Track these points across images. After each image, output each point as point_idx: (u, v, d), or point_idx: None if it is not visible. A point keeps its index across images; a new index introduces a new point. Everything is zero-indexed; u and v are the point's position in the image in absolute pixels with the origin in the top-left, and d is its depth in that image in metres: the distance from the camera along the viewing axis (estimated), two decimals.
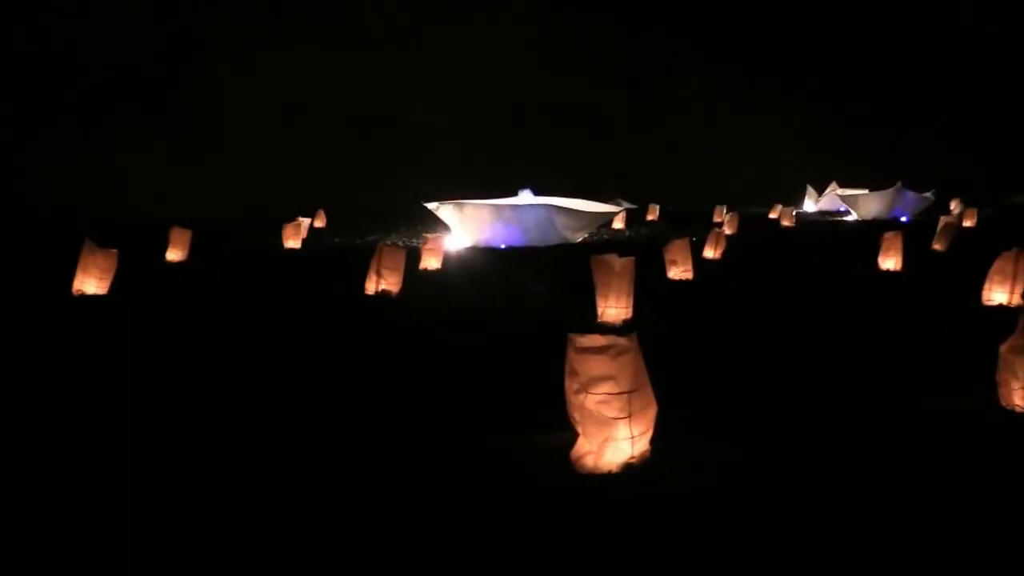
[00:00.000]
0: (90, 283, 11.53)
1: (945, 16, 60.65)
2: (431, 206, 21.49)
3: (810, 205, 39.39)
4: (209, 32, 49.70)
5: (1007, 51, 58.80)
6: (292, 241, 20.45)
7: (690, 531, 3.88)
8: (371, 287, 11.58)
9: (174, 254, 16.82)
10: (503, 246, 20.02)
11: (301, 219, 23.45)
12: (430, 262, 15.00)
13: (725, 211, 28.47)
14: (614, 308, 9.02)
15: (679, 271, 13.03)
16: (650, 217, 31.53)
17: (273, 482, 4.60)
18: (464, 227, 20.79)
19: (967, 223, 25.68)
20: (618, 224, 26.83)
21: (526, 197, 21.89)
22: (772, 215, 31.23)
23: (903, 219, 29.00)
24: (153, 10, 48.32)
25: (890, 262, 14.11)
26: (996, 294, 9.99)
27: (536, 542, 3.81)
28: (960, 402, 5.80)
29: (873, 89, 60.39)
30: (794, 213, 30.12)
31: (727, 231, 21.54)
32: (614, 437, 4.47)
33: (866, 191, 32.97)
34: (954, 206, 32.69)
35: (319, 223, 28.43)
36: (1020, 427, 5.27)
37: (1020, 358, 5.40)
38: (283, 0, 52.58)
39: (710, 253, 16.40)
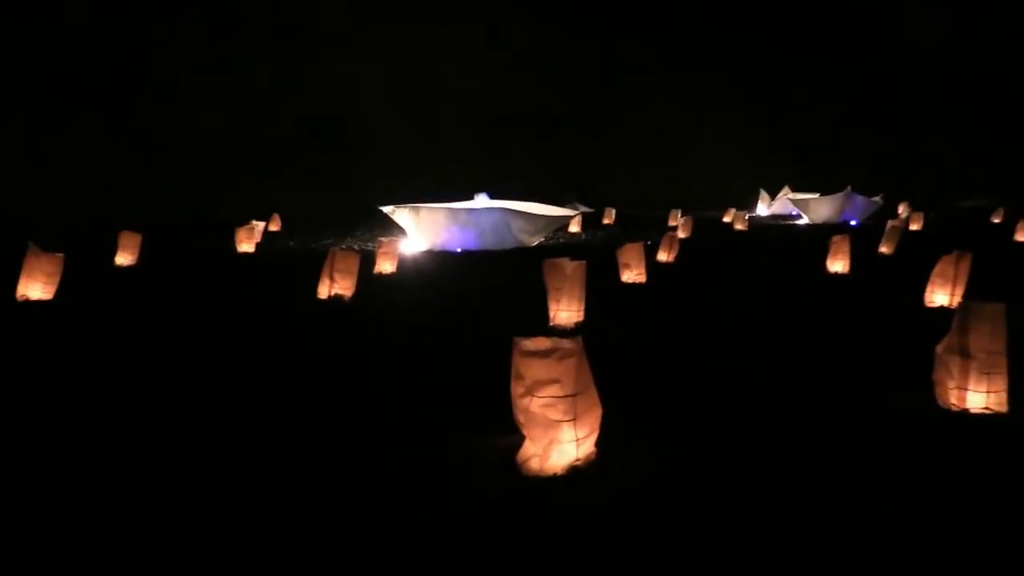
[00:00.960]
0: (35, 288, 11.29)
1: (897, 22, 62.02)
2: (387, 210, 21.40)
3: (763, 209, 40.01)
4: (162, 34, 48.94)
5: (956, 57, 60.31)
6: (246, 245, 20.22)
7: (635, 533, 3.93)
8: (324, 291, 11.51)
9: (123, 258, 16.54)
10: (459, 250, 20.02)
11: (255, 223, 23.19)
12: (385, 266, 14.95)
13: (680, 215, 28.78)
14: (566, 311, 9.08)
15: (632, 274, 13.14)
16: (606, 221, 31.76)
17: (225, 486, 4.56)
18: (420, 231, 20.74)
19: (914, 226, 26.31)
20: (574, 228, 27.00)
21: (482, 201, 21.91)
22: (726, 219, 31.66)
23: (852, 223, 29.59)
24: (104, 12, 47.40)
25: (838, 265, 14.38)
26: (937, 296, 10.25)
27: (481, 545, 3.83)
28: (898, 401, 5.95)
29: (825, 94, 61.44)
30: (747, 217, 30.54)
31: (681, 235, 21.77)
32: (559, 440, 4.51)
33: (817, 195, 33.59)
34: (902, 210, 33.47)
35: (274, 227, 28.19)
36: (955, 425, 5.42)
37: (954, 358, 5.56)
38: (237, 2, 51.92)
39: (664, 256, 16.58)
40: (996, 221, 29.66)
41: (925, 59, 60.67)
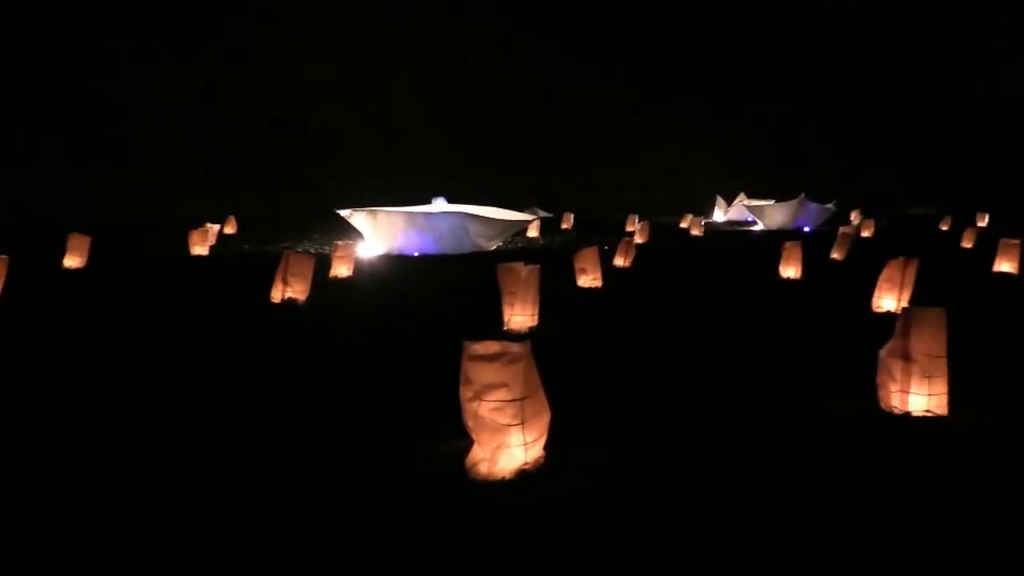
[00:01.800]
0: None
1: (854, 30, 63.27)
2: (344, 213, 21.25)
3: (719, 215, 40.42)
4: (113, 34, 48.06)
5: (910, 67, 61.69)
6: (199, 248, 19.91)
7: (582, 536, 3.93)
8: (277, 295, 11.38)
9: (72, 261, 16.19)
10: (416, 254, 19.95)
11: (209, 225, 22.88)
12: (340, 270, 14.82)
13: (637, 220, 28.95)
14: (520, 316, 9.09)
15: (589, 279, 13.19)
16: (564, 226, 31.83)
17: (173, 490, 4.48)
18: (377, 235, 20.62)
19: (865, 233, 26.79)
20: (532, 232, 27.05)
21: (440, 205, 21.85)
22: (683, 224, 31.90)
23: (806, 229, 30.06)
24: (54, 12, 46.41)
25: (790, 270, 14.59)
26: (885, 301, 10.45)
27: (428, 550, 3.81)
28: (843, 404, 6.05)
29: (782, 103, 62.37)
30: (703, 223, 30.82)
31: (638, 240, 21.92)
32: (507, 444, 4.50)
33: (772, 202, 34.03)
34: (854, 217, 34.08)
35: (229, 229, 27.83)
36: (896, 427, 5.52)
37: (896, 361, 5.66)
38: (188, 2, 51.17)
39: (620, 261, 16.66)
40: (944, 228, 30.41)
41: (881, 69, 61.93)
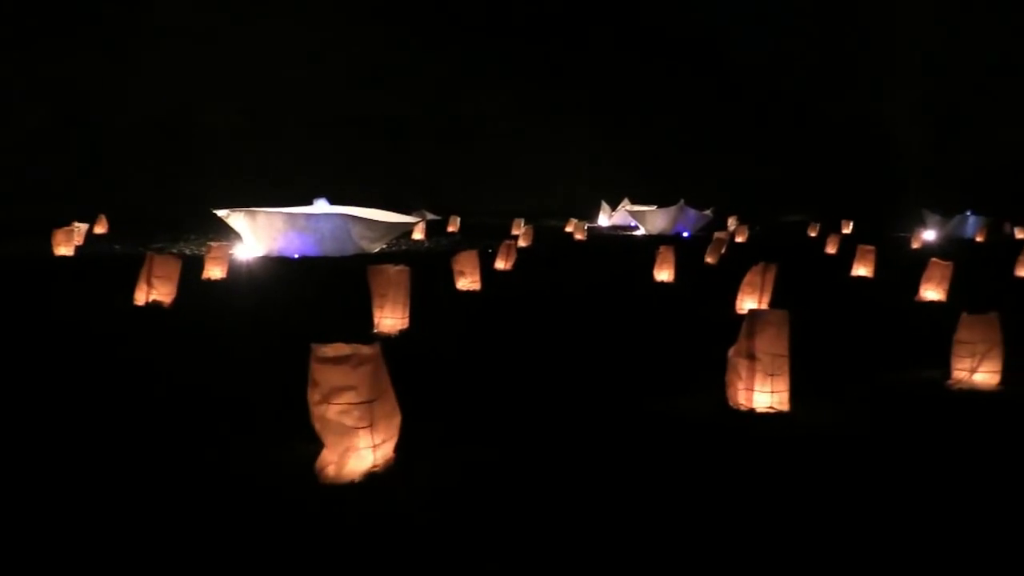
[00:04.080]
0: None
1: (736, 42, 65.80)
2: (221, 213, 20.58)
3: (604, 220, 41.30)
4: None
5: (788, 82, 64.64)
6: (64, 248, 18.94)
7: (429, 536, 3.94)
8: (141, 297, 10.95)
9: None
10: (297, 255, 19.55)
11: (77, 224, 21.83)
12: (214, 271, 14.37)
13: (522, 224, 29.24)
14: (390, 318, 9.03)
15: (467, 281, 13.25)
16: (451, 229, 31.87)
17: (22, 495, 4.25)
18: (256, 236, 20.07)
19: (739, 239, 27.90)
20: (418, 235, 26.95)
21: (321, 206, 21.46)
22: (567, 228, 32.43)
23: (685, 234, 31.05)
24: None
25: (664, 273, 15.04)
26: (747, 303, 10.88)
27: (274, 553, 3.75)
28: (695, 402, 6.28)
29: (665, 111, 64.16)
30: (586, 227, 31.41)
31: (521, 243, 22.14)
32: (356, 446, 4.47)
33: (653, 207, 35.00)
34: (731, 223, 35.44)
35: (100, 228, 26.64)
36: (742, 424, 5.77)
37: (742, 360, 5.92)
38: None
39: (501, 264, 16.80)
40: (812, 235, 31.99)
41: (761, 81, 64.59)
